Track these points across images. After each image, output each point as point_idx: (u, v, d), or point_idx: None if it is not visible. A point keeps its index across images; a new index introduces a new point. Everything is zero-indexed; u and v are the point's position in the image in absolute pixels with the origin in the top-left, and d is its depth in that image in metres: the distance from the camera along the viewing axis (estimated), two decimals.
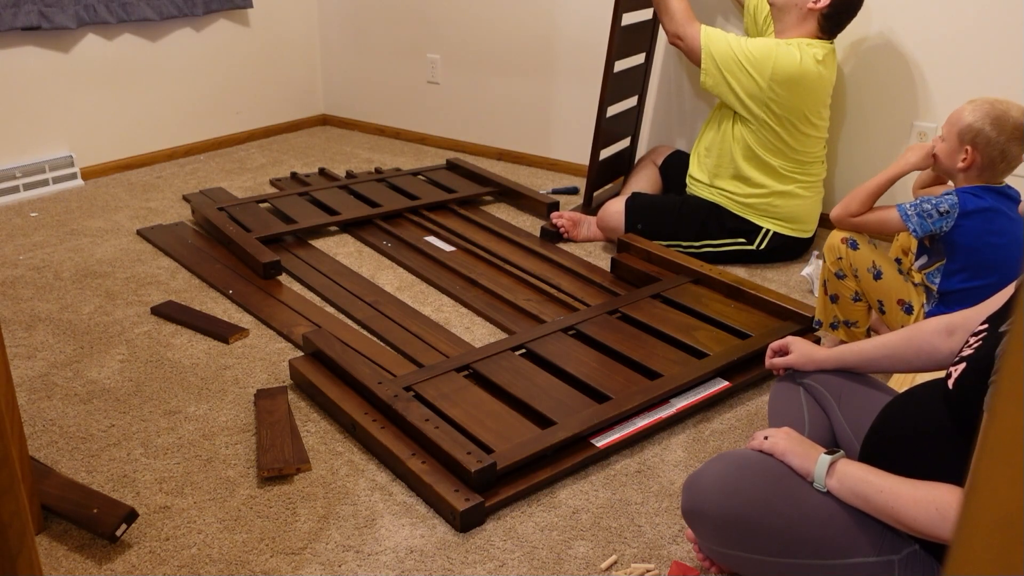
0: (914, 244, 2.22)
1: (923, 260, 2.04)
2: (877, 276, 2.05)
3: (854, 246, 2.06)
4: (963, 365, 1.21)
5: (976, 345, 1.23)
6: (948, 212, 1.91)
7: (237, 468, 1.78)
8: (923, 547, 1.26)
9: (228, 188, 3.40)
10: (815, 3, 2.54)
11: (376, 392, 1.87)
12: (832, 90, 2.68)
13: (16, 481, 1.02)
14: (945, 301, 1.98)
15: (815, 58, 2.54)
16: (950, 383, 1.22)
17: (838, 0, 2.53)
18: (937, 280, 1.99)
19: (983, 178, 1.95)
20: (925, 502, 1.15)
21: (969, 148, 1.92)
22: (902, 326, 2.05)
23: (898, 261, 2.20)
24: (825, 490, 1.30)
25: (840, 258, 2.08)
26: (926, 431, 1.25)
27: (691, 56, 2.69)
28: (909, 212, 1.96)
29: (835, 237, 2.10)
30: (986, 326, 1.26)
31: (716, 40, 2.61)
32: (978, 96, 1.98)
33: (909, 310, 2.04)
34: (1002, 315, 1.26)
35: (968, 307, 1.65)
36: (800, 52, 2.54)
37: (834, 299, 2.14)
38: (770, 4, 2.67)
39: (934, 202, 1.93)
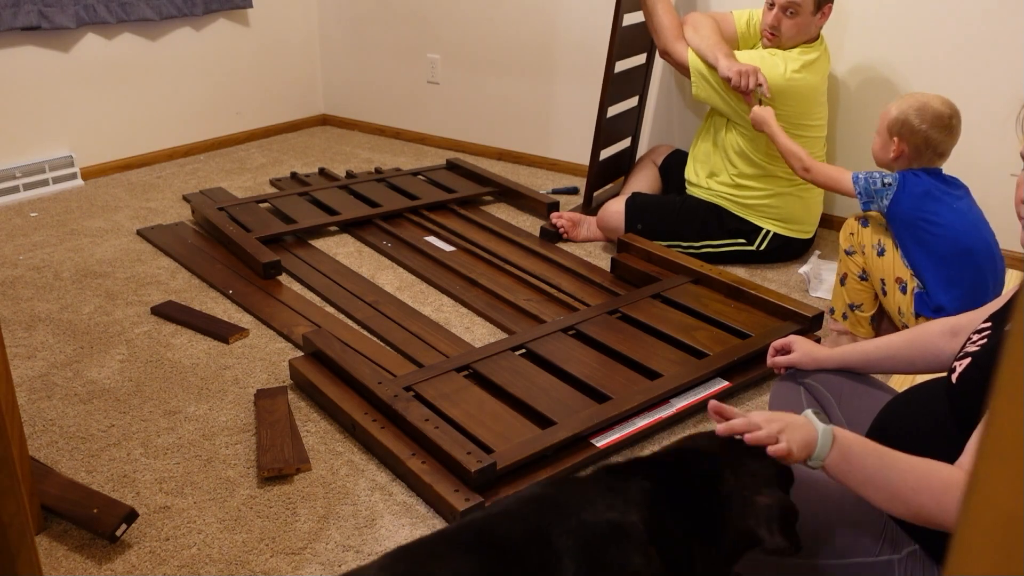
0: None
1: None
2: (880, 252, 2.13)
3: (865, 224, 2.16)
4: (968, 360, 1.20)
5: (981, 342, 1.22)
6: (890, 185, 2.06)
7: (237, 468, 1.78)
8: (923, 547, 1.26)
9: (228, 188, 3.40)
10: (823, 17, 2.59)
11: (376, 392, 1.87)
12: (826, 87, 2.69)
13: (16, 481, 1.02)
14: (925, 285, 2.07)
15: (804, 64, 2.56)
16: (954, 377, 1.21)
17: None
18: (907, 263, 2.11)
19: (916, 166, 2.09)
20: (927, 478, 1.09)
21: (896, 139, 2.06)
22: (899, 307, 2.09)
23: None
24: (820, 465, 1.16)
25: (852, 234, 2.17)
26: (926, 431, 1.24)
27: (680, 71, 2.74)
28: (860, 177, 2.11)
29: (852, 217, 2.21)
30: (989, 324, 1.25)
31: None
32: (944, 97, 2.08)
33: (904, 289, 2.11)
34: (1004, 313, 1.26)
35: (946, 291, 1.87)
36: (785, 64, 2.55)
37: (843, 280, 2.20)
38: (780, 44, 2.61)
39: (880, 174, 2.09)
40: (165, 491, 1.71)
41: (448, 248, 2.85)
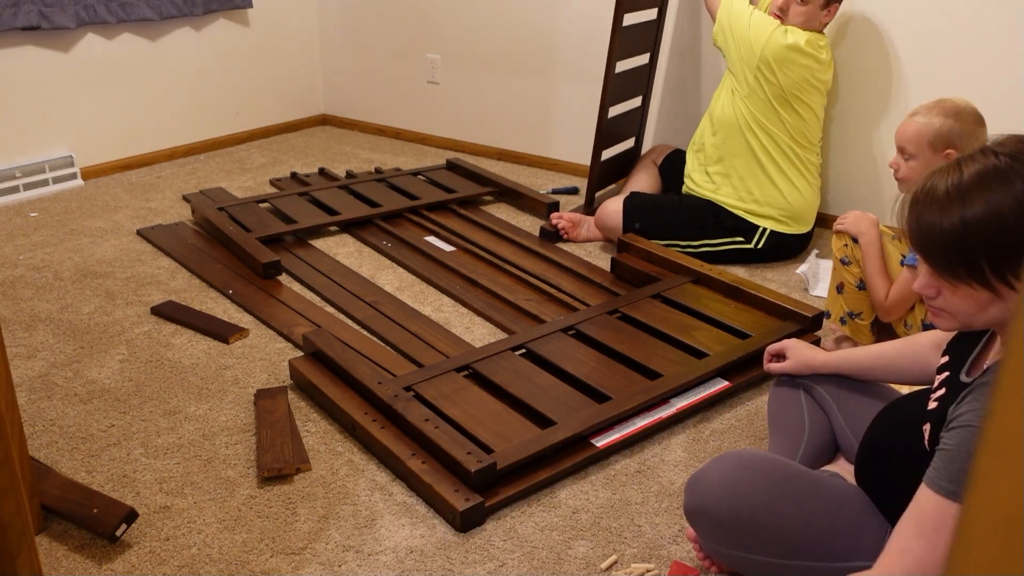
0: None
1: None
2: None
3: (857, 240, 2.10)
4: (928, 427, 1.19)
5: (939, 394, 1.21)
6: None
7: (237, 468, 1.78)
8: None
9: (228, 188, 3.40)
10: (828, 15, 2.66)
11: (376, 392, 1.87)
12: (828, 81, 2.70)
13: (16, 481, 1.02)
14: None
15: (806, 41, 2.61)
16: (926, 443, 1.20)
17: None
18: None
19: None
20: None
21: (951, 152, 1.89)
22: (904, 320, 2.06)
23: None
24: None
25: (846, 245, 2.12)
26: (913, 446, 1.24)
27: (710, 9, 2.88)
28: (914, 255, 1.95)
29: (841, 230, 2.14)
30: (947, 374, 1.23)
31: None
32: (957, 96, 2.00)
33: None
34: (956, 347, 1.24)
35: None
36: (793, 37, 2.61)
37: (840, 289, 2.16)
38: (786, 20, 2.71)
39: None
40: (165, 491, 1.71)
41: (448, 248, 2.85)
